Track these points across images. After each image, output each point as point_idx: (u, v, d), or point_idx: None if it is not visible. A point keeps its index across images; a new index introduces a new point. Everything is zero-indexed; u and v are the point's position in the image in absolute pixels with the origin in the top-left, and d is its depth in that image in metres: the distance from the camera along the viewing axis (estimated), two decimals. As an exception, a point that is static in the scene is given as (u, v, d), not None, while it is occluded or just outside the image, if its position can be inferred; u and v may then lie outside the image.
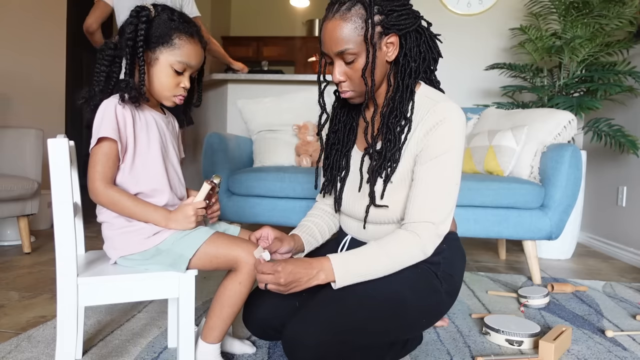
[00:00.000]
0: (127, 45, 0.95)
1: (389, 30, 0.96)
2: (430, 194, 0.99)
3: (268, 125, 2.49)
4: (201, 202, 1.01)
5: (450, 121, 0.98)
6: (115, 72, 1.02)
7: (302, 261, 0.96)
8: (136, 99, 0.97)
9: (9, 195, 2.16)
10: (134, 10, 0.97)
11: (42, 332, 1.28)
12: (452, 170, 1.00)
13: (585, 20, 2.57)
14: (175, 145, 1.12)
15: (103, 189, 0.94)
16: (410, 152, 1.03)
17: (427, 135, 1.00)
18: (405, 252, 0.98)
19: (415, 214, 0.99)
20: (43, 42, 3.26)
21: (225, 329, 1.04)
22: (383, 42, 0.97)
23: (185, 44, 1.00)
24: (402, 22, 0.96)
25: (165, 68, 0.99)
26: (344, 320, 0.95)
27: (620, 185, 2.72)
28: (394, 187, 1.05)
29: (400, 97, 1.01)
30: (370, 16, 0.93)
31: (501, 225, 1.93)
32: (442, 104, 1.00)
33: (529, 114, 2.16)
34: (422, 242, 0.98)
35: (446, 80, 3.42)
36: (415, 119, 1.02)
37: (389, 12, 0.95)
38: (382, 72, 1.01)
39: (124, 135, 0.96)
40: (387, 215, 1.07)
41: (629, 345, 1.30)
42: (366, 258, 0.98)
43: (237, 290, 1.01)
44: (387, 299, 0.99)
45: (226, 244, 0.99)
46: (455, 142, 0.99)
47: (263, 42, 7.05)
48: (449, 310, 1.55)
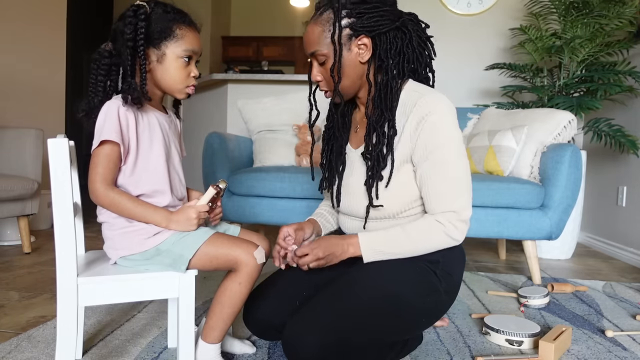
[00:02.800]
0: (127, 46, 0.94)
1: (358, 32, 1.00)
2: (442, 187, 1.02)
3: (268, 125, 2.49)
4: (204, 205, 1.01)
5: (437, 112, 1.00)
6: (113, 80, 1.02)
7: (334, 237, 1.05)
8: (139, 100, 0.96)
9: (9, 195, 2.16)
10: (131, 10, 0.96)
11: (42, 332, 1.28)
12: (454, 160, 1.02)
13: (585, 20, 2.57)
14: (177, 145, 1.12)
15: (103, 190, 0.93)
16: (404, 145, 1.04)
17: (417, 129, 1.02)
18: (427, 237, 1.03)
19: (434, 207, 1.04)
20: (43, 43, 3.26)
21: (226, 329, 1.04)
22: (354, 43, 1.01)
23: (187, 33, 1.00)
24: (372, 24, 0.99)
25: (174, 61, 1.00)
26: (344, 319, 0.96)
27: (620, 185, 2.73)
28: (388, 184, 1.06)
29: (379, 96, 1.04)
30: (337, 19, 0.99)
31: (501, 225, 1.93)
32: (428, 96, 1.02)
33: (529, 114, 2.16)
34: (445, 229, 1.02)
35: (446, 80, 3.42)
36: (404, 112, 1.04)
37: (358, 15, 0.99)
38: (357, 72, 1.04)
39: (126, 137, 0.96)
40: (384, 211, 1.08)
41: (629, 345, 1.30)
42: (391, 238, 1.04)
43: (237, 290, 1.01)
44: (387, 298, 1.00)
45: (226, 245, 0.99)
46: (448, 131, 1.01)
47: (263, 42, 7.06)
48: (448, 310, 1.56)
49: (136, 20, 0.95)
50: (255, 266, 1.00)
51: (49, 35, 3.31)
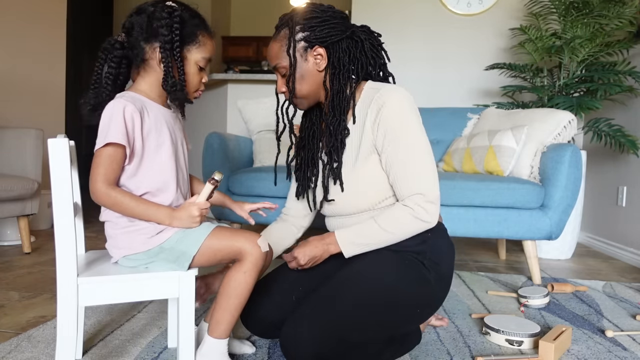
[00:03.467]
0: (165, 48, 0.95)
1: (312, 44, 1.09)
2: (406, 171, 1.07)
3: (268, 125, 2.49)
4: (205, 202, 1.00)
5: (391, 101, 1.07)
6: (122, 73, 1.01)
7: (314, 240, 1.12)
8: (181, 101, 1.00)
9: (9, 195, 2.16)
10: (166, 12, 0.96)
11: (42, 332, 1.28)
12: (413, 141, 1.07)
13: (585, 20, 2.57)
14: (183, 140, 1.11)
15: (104, 190, 0.92)
16: (367, 138, 1.10)
17: (376, 120, 1.08)
18: (397, 222, 1.07)
19: (401, 192, 1.08)
20: (43, 43, 3.26)
21: (233, 322, 1.02)
22: (309, 54, 1.10)
23: (207, 40, 1.03)
24: (324, 35, 1.09)
25: (193, 66, 1.02)
26: (340, 316, 0.98)
27: (620, 185, 2.73)
28: (355, 174, 1.12)
29: (333, 100, 1.12)
30: (292, 34, 1.09)
31: (501, 225, 1.93)
32: (383, 89, 1.09)
33: (529, 114, 2.16)
34: (413, 212, 1.05)
35: (446, 80, 3.43)
36: (360, 112, 1.12)
37: (310, 28, 1.09)
38: (315, 80, 1.12)
39: (132, 138, 0.95)
40: (358, 205, 1.13)
41: (629, 345, 1.30)
42: (365, 230, 1.09)
43: (243, 280, 1.00)
44: (380, 291, 1.03)
45: (228, 236, 0.99)
46: (405, 117, 1.07)
47: (263, 42, 7.05)
48: (448, 310, 1.56)
49: (172, 22, 0.95)
50: (260, 254, 1.00)
51: (49, 35, 3.31)
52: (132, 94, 0.99)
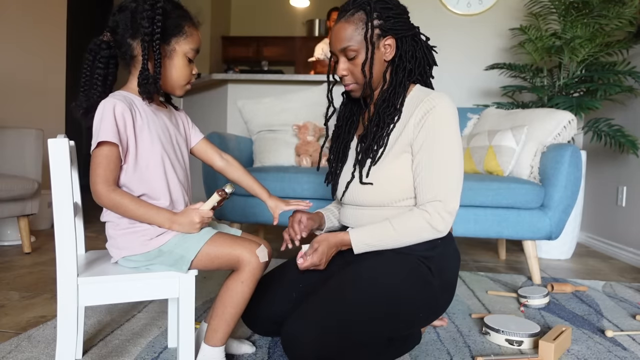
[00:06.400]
0: (144, 40, 0.94)
1: (386, 33, 1.09)
2: (433, 176, 1.07)
3: (268, 125, 2.49)
4: (208, 211, 0.99)
5: (439, 108, 1.07)
6: (111, 74, 1.01)
7: (328, 238, 1.12)
8: (150, 94, 0.98)
9: (9, 195, 2.16)
10: (148, 4, 0.94)
11: (42, 332, 1.28)
12: (450, 150, 1.07)
13: (585, 21, 2.57)
14: (182, 139, 1.10)
15: (105, 192, 0.92)
16: (406, 135, 1.10)
17: (421, 121, 1.08)
18: (411, 225, 1.07)
19: (423, 196, 1.08)
20: (43, 42, 3.26)
21: (229, 330, 1.02)
22: (381, 43, 1.10)
23: (194, 31, 1.02)
24: (398, 27, 1.10)
25: (182, 58, 1.01)
26: (341, 315, 0.98)
27: (620, 185, 2.73)
28: (382, 167, 1.11)
29: (393, 91, 1.13)
30: (370, 19, 1.07)
31: (501, 225, 1.93)
32: (432, 95, 1.10)
33: (529, 114, 2.16)
34: (429, 217, 1.06)
35: (446, 80, 3.42)
36: (407, 110, 1.12)
37: (387, 18, 1.09)
38: (380, 69, 1.13)
39: (124, 136, 0.94)
40: (378, 197, 1.13)
41: (629, 345, 1.30)
42: (377, 230, 1.10)
43: (240, 290, 1.00)
44: (383, 292, 1.03)
45: (228, 244, 0.99)
46: (449, 127, 1.08)
47: (263, 42, 7.06)
48: (447, 309, 1.56)
49: (153, 14, 0.94)
50: (258, 265, 1.00)
51: (49, 35, 3.31)
52: (123, 92, 0.99)
